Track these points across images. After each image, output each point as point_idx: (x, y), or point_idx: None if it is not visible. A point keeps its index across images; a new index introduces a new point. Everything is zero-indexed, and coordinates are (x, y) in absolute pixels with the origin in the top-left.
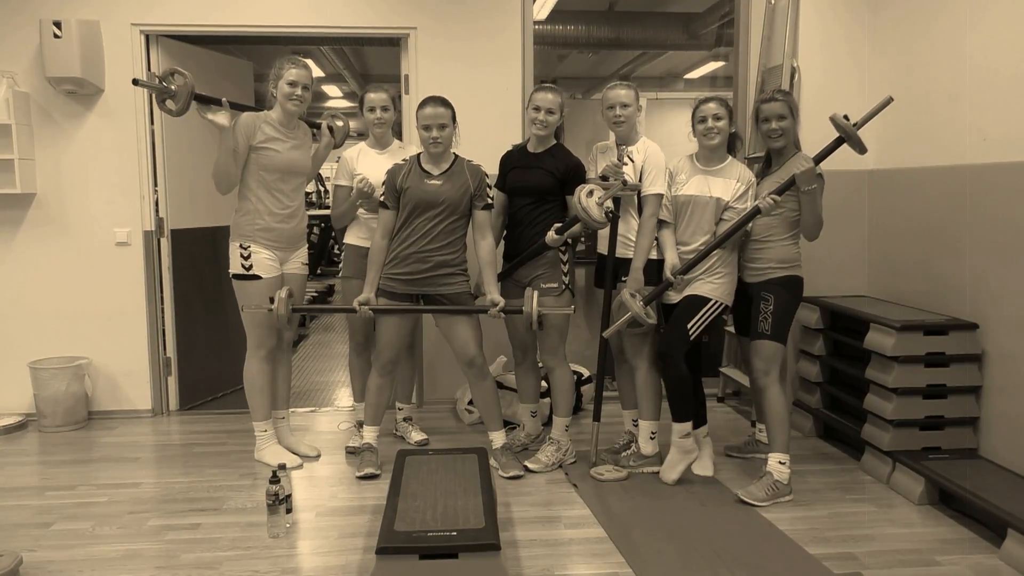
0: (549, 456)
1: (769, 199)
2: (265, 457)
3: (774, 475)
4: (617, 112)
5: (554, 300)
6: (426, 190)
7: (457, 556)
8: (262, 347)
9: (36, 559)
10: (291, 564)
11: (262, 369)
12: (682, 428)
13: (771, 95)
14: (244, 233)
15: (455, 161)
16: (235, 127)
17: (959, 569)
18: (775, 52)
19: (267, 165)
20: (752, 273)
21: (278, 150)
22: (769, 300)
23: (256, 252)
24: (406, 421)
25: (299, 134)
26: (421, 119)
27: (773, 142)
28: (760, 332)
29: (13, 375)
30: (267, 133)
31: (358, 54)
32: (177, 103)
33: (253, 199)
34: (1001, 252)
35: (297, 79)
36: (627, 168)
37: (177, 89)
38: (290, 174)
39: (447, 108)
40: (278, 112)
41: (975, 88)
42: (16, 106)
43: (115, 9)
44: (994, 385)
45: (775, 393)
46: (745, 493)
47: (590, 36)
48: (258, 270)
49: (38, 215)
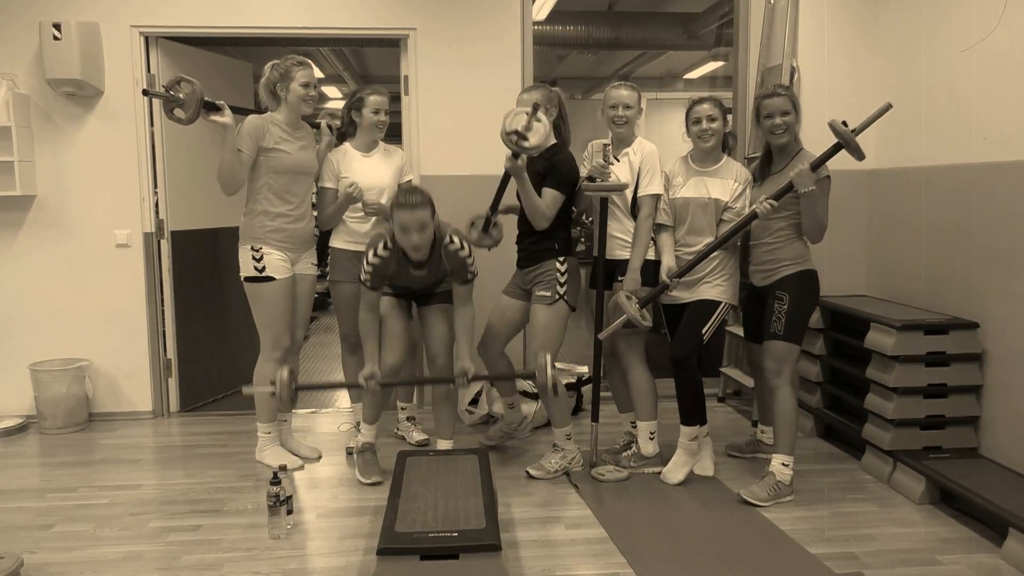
0: (553, 464)
1: (766, 204)
2: (266, 458)
3: (776, 475)
4: (620, 112)
5: (546, 308)
6: (412, 280)
7: (458, 557)
8: (277, 348)
9: (37, 561)
10: (292, 565)
11: (273, 371)
12: (692, 431)
13: (773, 90)
14: (255, 235)
15: (434, 249)
16: (242, 130)
17: (960, 568)
18: (774, 52)
19: (277, 167)
20: (764, 276)
21: (288, 151)
22: (784, 300)
23: (268, 254)
24: (409, 421)
25: (304, 135)
26: (397, 222)
27: (777, 138)
28: (772, 332)
29: (14, 377)
30: (276, 135)
31: (358, 55)
32: (187, 111)
33: (263, 201)
34: (1001, 251)
35: (309, 80)
36: (613, 168)
37: (186, 97)
38: (299, 175)
39: (425, 209)
40: (285, 114)
41: (974, 87)
42: (16, 108)
43: (115, 11)
44: (995, 384)
45: (785, 394)
46: (747, 493)
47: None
48: (271, 271)
49: (38, 217)
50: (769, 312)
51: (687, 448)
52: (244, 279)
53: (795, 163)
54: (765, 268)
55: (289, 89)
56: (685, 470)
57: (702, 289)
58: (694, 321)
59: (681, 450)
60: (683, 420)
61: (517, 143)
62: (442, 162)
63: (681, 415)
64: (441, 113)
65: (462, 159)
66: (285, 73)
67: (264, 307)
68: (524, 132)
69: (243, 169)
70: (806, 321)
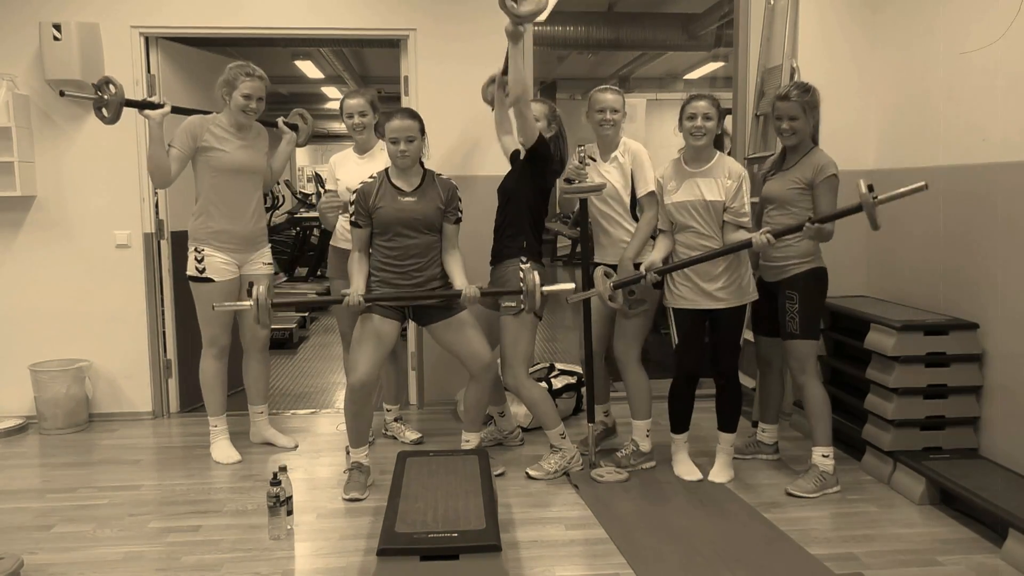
0: (552, 464)
1: (764, 238)
2: (213, 453)
3: (820, 467)
4: (607, 116)
5: (511, 320)
6: (401, 208)
7: (458, 557)
8: (214, 345)
9: (37, 561)
10: (292, 566)
11: (212, 366)
12: (732, 438)
13: (786, 93)
14: (197, 237)
15: (425, 175)
16: (180, 127)
17: (960, 569)
18: (774, 52)
19: (216, 166)
20: (773, 272)
21: (226, 150)
22: (794, 299)
23: (210, 256)
24: (397, 421)
25: (250, 136)
26: (388, 132)
27: (785, 140)
28: (790, 333)
29: (14, 377)
30: (215, 134)
31: (358, 56)
32: (109, 111)
33: (205, 202)
34: (1001, 251)
35: (252, 92)
36: (606, 173)
37: (108, 99)
38: (240, 173)
39: (415, 120)
40: (227, 115)
41: (975, 88)
42: (16, 109)
43: (114, 11)
44: (995, 385)
45: (814, 388)
46: (795, 487)
47: (589, 37)
48: (211, 273)
49: (38, 218)
50: (782, 312)
51: (728, 452)
52: (188, 278)
53: (804, 161)
54: (775, 264)
55: (231, 96)
56: (730, 471)
57: (724, 299)
58: (733, 332)
59: (723, 456)
60: (727, 428)
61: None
62: (442, 162)
63: (724, 423)
64: (441, 113)
65: (462, 159)
66: (232, 80)
67: (203, 307)
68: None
69: (171, 163)
70: (819, 316)
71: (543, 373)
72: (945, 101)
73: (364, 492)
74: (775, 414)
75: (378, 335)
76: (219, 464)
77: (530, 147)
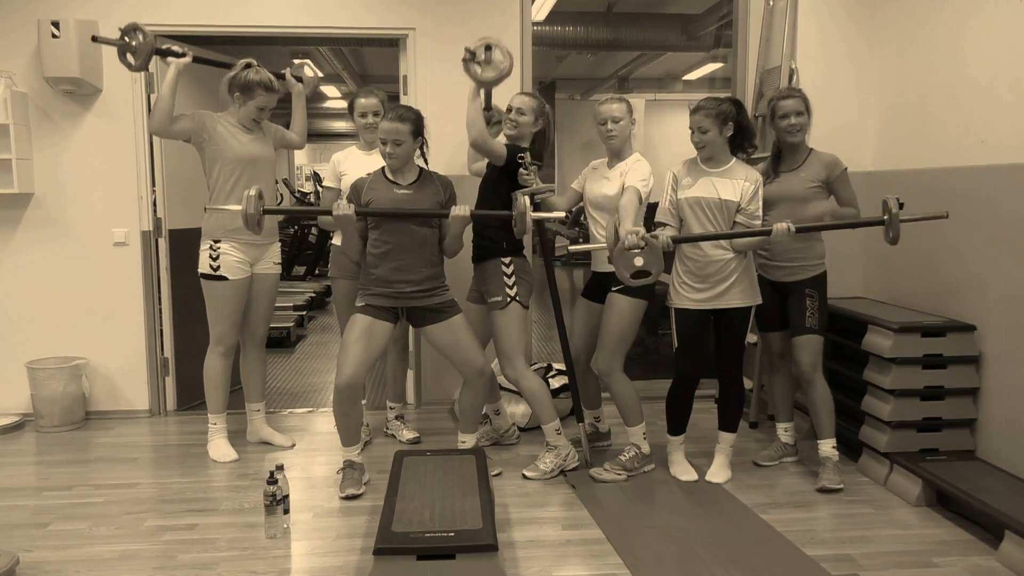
0: (548, 463)
1: (785, 226)
2: (211, 451)
3: (833, 459)
4: (609, 127)
5: (500, 313)
6: (396, 199)
7: (455, 557)
8: (221, 343)
9: (33, 559)
10: (288, 565)
11: (218, 364)
12: (733, 437)
13: (788, 91)
14: (214, 233)
15: (422, 173)
16: (195, 111)
17: (956, 571)
18: (773, 53)
19: (231, 157)
20: (786, 272)
21: (240, 141)
22: (814, 296)
23: (226, 253)
24: (398, 419)
25: (258, 133)
26: (379, 132)
27: (791, 137)
28: (808, 327)
29: (10, 375)
30: (226, 128)
31: (357, 55)
32: (136, 59)
33: (221, 198)
34: (999, 254)
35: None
36: (528, 177)
37: (137, 46)
38: (253, 163)
39: (404, 124)
40: (235, 115)
41: (973, 90)
42: (14, 106)
43: (113, 9)
44: (992, 387)
45: (822, 384)
46: (827, 482)
47: (589, 37)
48: (225, 271)
49: (36, 215)
50: (800, 309)
51: (727, 452)
52: (200, 275)
53: (811, 160)
54: (793, 265)
55: (245, 104)
56: (728, 472)
57: (729, 300)
58: (740, 332)
59: (723, 455)
60: (728, 427)
61: (468, 63)
62: (442, 162)
63: (725, 423)
64: (440, 113)
65: (461, 159)
66: (249, 89)
67: (214, 305)
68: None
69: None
70: (827, 315)
71: (540, 373)
72: (943, 103)
73: (360, 488)
74: (790, 411)
75: (369, 336)
76: (216, 462)
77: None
